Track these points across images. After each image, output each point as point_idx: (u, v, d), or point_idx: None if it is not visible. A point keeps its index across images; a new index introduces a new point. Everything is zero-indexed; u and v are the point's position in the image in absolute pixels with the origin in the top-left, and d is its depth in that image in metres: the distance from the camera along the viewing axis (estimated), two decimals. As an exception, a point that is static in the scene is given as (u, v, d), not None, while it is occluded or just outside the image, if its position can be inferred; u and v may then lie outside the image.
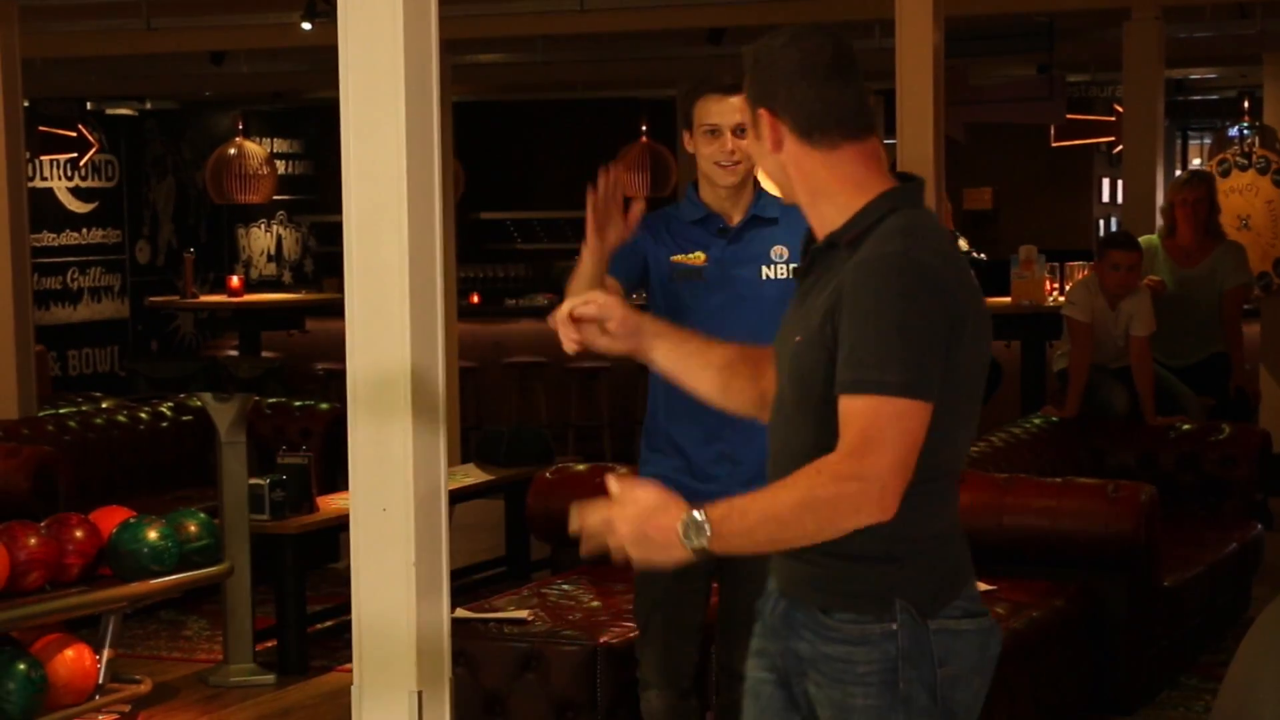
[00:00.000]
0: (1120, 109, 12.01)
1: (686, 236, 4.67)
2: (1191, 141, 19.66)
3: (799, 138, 3.07)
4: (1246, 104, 12.18)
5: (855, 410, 2.90)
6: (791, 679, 3.15)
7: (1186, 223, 8.84)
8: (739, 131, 4.54)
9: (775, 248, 4.67)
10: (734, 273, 4.64)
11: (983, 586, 5.89)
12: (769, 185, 4.73)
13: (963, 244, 12.39)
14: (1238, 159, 10.51)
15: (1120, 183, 11.52)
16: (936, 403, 2.93)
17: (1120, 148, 11.37)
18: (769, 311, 4.45)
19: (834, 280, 3.01)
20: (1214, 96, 17.33)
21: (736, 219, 4.69)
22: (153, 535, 6.25)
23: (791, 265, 4.59)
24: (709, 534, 2.91)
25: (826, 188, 3.09)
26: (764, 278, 4.65)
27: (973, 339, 3.01)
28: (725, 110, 4.57)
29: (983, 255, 14.45)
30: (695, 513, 2.91)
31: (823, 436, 2.97)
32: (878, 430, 2.89)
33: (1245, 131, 11.47)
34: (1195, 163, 18.79)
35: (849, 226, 3.05)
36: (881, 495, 2.88)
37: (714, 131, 4.59)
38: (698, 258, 4.63)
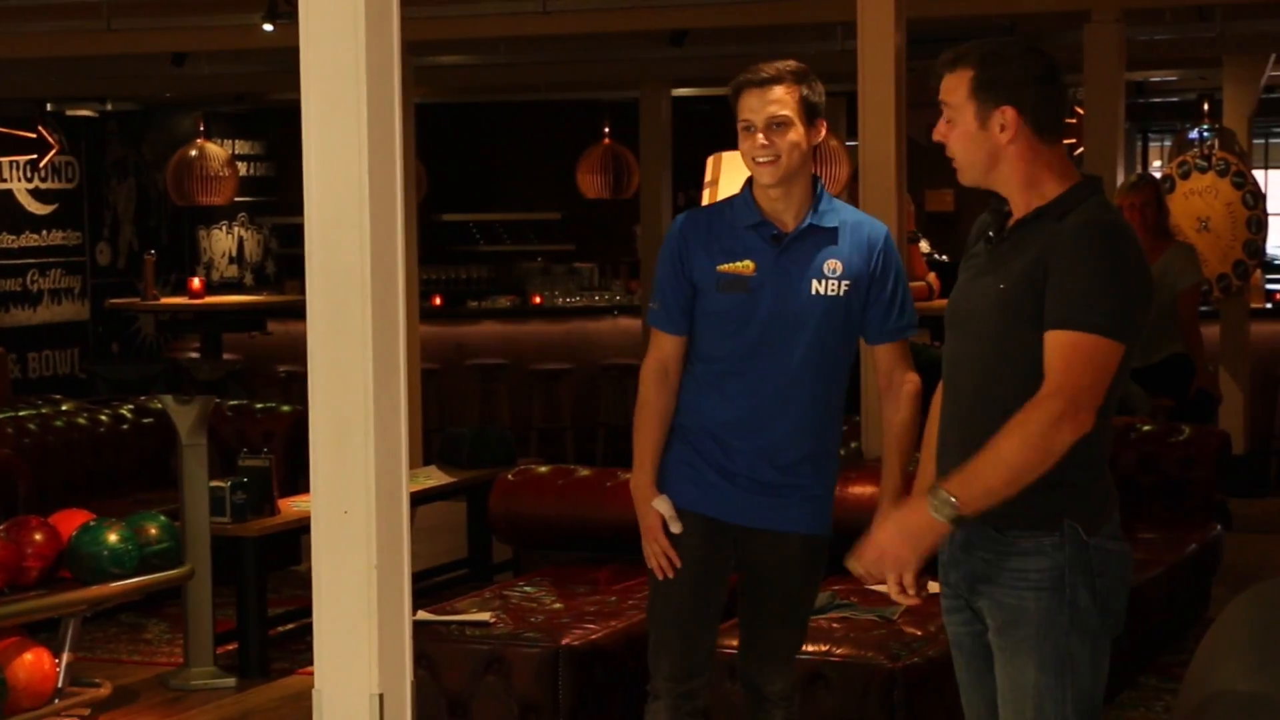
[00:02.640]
0: (1081, 111, 12.06)
1: (736, 241, 4.48)
2: (1152, 144, 19.73)
3: (1033, 133, 3.63)
4: (1206, 106, 12.24)
5: (1059, 342, 3.49)
6: (970, 601, 3.72)
7: (1135, 225, 8.83)
8: (774, 126, 4.42)
9: (829, 261, 4.47)
10: (782, 285, 4.44)
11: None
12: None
13: (925, 245, 12.45)
14: (1198, 161, 10.57)
15: (1081, 185, 11.53)
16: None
17: (1081, 150, 11.42)
18: (815, 331, 4.44)
19: (1040, 242, 3.58)
20: (1174, 99, 17.38)
21: (791, 225, 4.47)
22: (113, 538, 6.23)
23: (844, 282, 4.46)
24: (953, 500, 3.49)
25: (1038, 177, 3.65)
26: (813, 292, 4.44)
27: (1149, 304, 3.60)
28: (757, 104, 4.42)
29: (945, 257, 14.49)
30: (939, 491, 3.50)
31: (1025, 364, 3.55)
32: (1078, 360, 3.47)
33: (1205, 134, 11.53)
34: (1156, 165, 18.88)
35: (1059, 203, 3.62)
36: (1076, 412, 3.46)
37: (748, 127, 4.43)
38: (746, 266, 4.45)
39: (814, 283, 4.45)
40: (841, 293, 4.46)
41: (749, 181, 4.55)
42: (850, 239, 4.50)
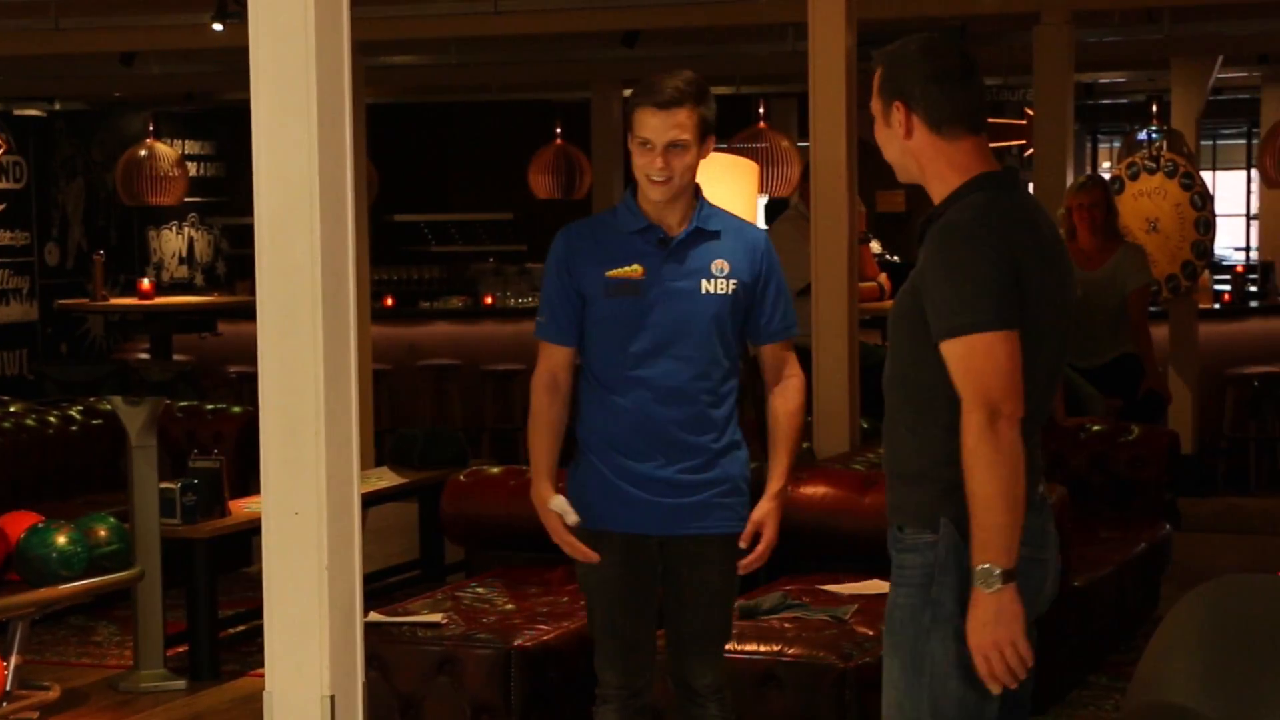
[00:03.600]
0: (1031, 112, 12.12)
1: (622, 247, 4.55)
2: (1101, 145, 19.86)
3: (929, 130, 3.60)
4: (1155, 108, 12.32)
5: (956, 353, 3.45)
6: None
7: (1084, 226, 8.92)
8: (673, 148, 4.47)
9: (716, 261, 4.57)
10: (673, 285, 4.53)
11: (876, 589, 5.93)
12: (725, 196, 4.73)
13: (876, 246, 12.49)
14: (1146, 162, 10.62)
15: (1031, 185, 11.63)
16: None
17: (1031, 151, 11.47)
18: (708, 326, 4.57)
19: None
20: (1123, 100, 17.51)
21: (677, 230, 4.56)
22: (62, 540, 6.19)
23: (732, 280, 4.57)
24: (990, 567, 3.40)
25: (943, 172, 3.62)
26: (704, 291, 4.55)
27: (1035, 302, 3.50)
28: (660, 126, 4.46)
29: (895, 257, 14.55)
30: (976, 568, 3.41)
31: (913, 369, 3.56)
32: (975, 362, 3.43)
33: (1153, 135, 11.59)
34: (1105, 166, 18.99)
35: (945, 203, 3.60)
36: (1000, 411, 3.41)
37: (646, 145, 4.48)
38: (634, 270, 4.53)
39: (704, 282, 4.55)
40: (730, 290, 4.56)
41: (632, 188, 4.62)
42: (734, 241, 4.62)
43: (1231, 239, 18.97)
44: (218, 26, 9.85)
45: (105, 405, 9.09)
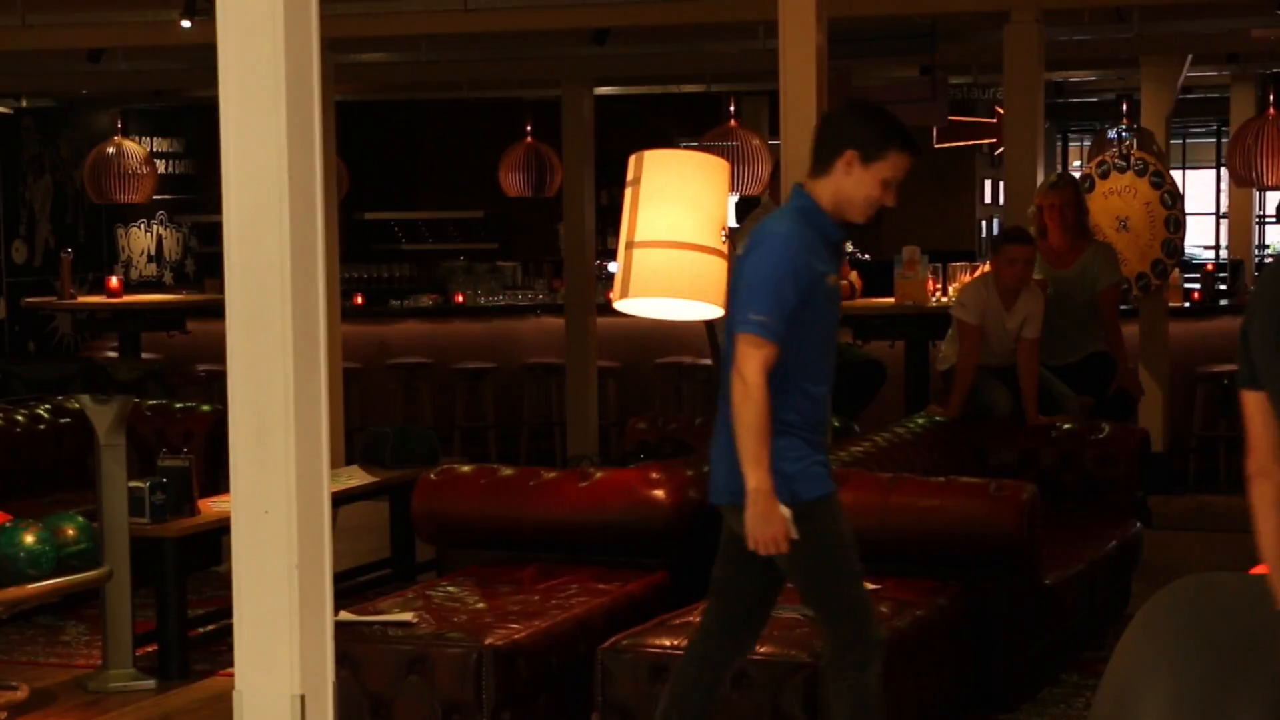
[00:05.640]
0: (1001, 111, 12.14)
1: (832, 255, 4.95)
2: (1072, 143, 19.92)
3: None
4: (1125, 107, 12.34)
5: None
6: None
7: (1054, 225, 8.95)
8: None
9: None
10: (837, 285, 5.02)
11: (867, 586, 5.93)
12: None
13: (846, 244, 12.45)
14: (1116, 161, 10.65)
15: (1002, 184, 11.66)
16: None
17: (1002, 149, 11.49)
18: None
19: None
20: (1093, 99, 17.55)
21: None
22: (29, 539, 6.17)
23: None
24: None
25: None
26: (834, 284, 5.00)
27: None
28: (905, 168, 4.90)
29: (866, 256, 14.56)
30: None
31: None
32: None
33: (1123, 134, 11.62)
34: (1075, 164, 19.04)
35: None
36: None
37: (889, 184, 4.89)
38: (836, 277, 5.00)
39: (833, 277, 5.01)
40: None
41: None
42: None
43: (1201, 237, 19.04)
44: (186, 23, 9.81)
45: (73, 404, 9.05)
